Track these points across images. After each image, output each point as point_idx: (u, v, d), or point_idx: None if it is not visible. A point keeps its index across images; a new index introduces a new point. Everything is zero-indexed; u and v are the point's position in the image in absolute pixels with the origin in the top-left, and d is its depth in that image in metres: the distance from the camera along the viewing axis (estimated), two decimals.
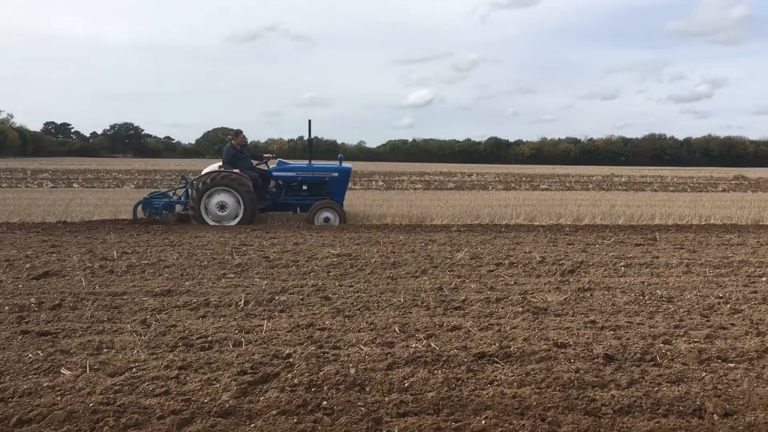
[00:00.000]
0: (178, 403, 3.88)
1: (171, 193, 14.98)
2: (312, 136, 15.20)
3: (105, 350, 4.90)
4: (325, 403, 3.93)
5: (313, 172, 14.39)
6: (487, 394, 4.06)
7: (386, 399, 3.98)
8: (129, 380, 4.25)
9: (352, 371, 4.42)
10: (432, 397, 4.00)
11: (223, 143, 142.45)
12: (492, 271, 8.22)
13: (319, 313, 6.05)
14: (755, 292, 7.10)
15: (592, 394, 4.08)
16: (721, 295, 6.91)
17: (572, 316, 6.03)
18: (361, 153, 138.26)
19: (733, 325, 5.75)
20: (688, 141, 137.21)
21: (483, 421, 3.67)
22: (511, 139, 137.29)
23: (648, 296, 6.86)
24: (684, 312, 6.22)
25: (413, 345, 5.04)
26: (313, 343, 5.10)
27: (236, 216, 13.26)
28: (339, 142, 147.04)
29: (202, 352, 4.86)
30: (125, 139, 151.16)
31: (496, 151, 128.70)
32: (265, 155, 14.91)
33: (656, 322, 5.85)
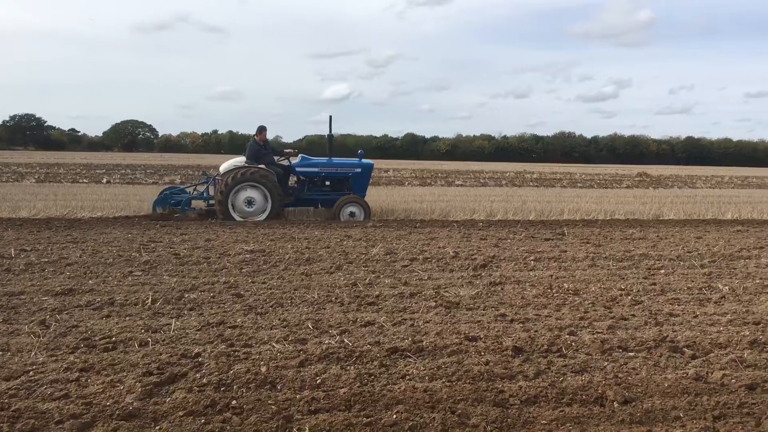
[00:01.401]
0: (78, 407, 3.70)
1: (191, 189, 14.89)
2: (332, 132, 15.26)
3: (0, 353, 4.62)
4: (234, 402, 3.84)
5: (336, 168, 14.40)
6: (399, 388, 4.08)
7: (297, 396, 3.93)
8: (25, 384, 4.03)
9: (264, 369, 4.35)
10: (344, 393, 3.98)
11: (133, 136, 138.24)
12: (406, 266, 8.28)
13: (230, 310, 5.92)
14: (654, 284, 7.44)
15: (500, 386, 4.16)
16: (623, 288, 7.21)
17: (483, 310, 6.14)
18: (278, 147, 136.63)
19: (633, 315, 6.00)
20: (595, 139, 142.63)
21: (394, 416, 3.68)
22: (428, 136, 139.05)
23: (556, 289, 7.07)
24: (589, 304, 6.45)
25: (326, 341, 5.01)
26: (223, 341, 4.98)
27: (263, 211, 13.24)
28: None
29: (106, 353, 4.65)
30: (26, 131, 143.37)
31: (413, 147, 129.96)
32: (286, 150, 14.82)
33: (563, 314, 6.04)
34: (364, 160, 14.72)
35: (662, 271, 8.34)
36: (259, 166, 13.42)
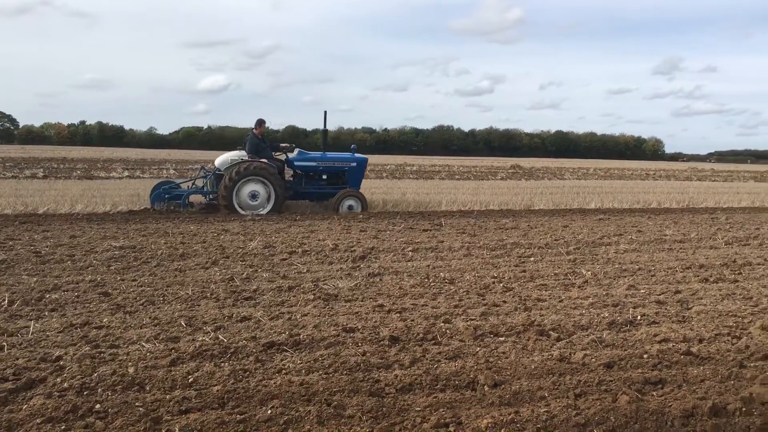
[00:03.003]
0: None
1: (189, 184, 14.98)
2: (326, 127, 15.18)
3: None
4: (98, 406, 3.64)
5: (333, 162, 14.71)
6: (274, 383, 4.02)
7: (167, 397, 3.78)
8: None
9: (131, 370, 4.15)
10: (217, 390, 3.87)
11: None
12: (285, 259, 8.19)
13: (96, 310, 5.62)
14: (524, 271, 7.77)
15: (377, 376, 4.19)
16: (495, 276, 7.47)
17: (362, 301, 6.18)
18: (152, 140, 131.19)
19: (504, 302, 6.24)
20: (472, 132, 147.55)
21: (269, 411, 3.62)
22: (309, 128, 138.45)
23: (432, 279, 7.23)
24: (463, 292, 6.64)
25: (200, 338, 4.86)
26: (87, 343, 4.72)
27: (266, 205, 13.41)
28: (127, 127, 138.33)
29: None
30: None
31: (294, 139, 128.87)
32: (283, 145, 14.80)
33: (438, 302, 6.18)
34: (358, 155, 15.07)
35: (532, 258, 8.73)
36: (262, 160, 13.53)
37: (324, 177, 14.78)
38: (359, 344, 4.83)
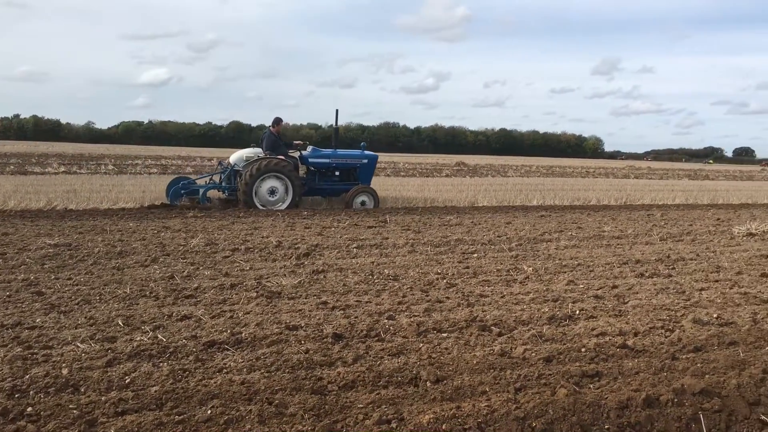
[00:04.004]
0: None
1: (207, 180, 15.23)
2: (338, 125, 15.81)
3: None
4: (30, 409, 3.51)
5: (346, 159, 15.24)
6: (215, 382, 3.95)
7: (103, 398, 3.68)
8: None
9: (65, 371, 4.03)
10: (155, 391, 3.79)
11: None
12: (228, 257, 8.07)
13: (29, 310, 5.42)
14: (468, 267, 7.86)
15: (319, 373, 4.17)
16: (439, 272, 7.53)
17: (305, 299, 6.14)
18: (91, 134, 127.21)
19: (448, 298, 6.29)
20: (418, 130, 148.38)
21: (209, 411, 3.55)
22: (254, 124, 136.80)
23: (377, 276, 7.23)
24: (407, 289, 6.66)
25: (138, 338, 4.74)
26: (19, 344, 4.55)
27: (284, 200, 13.84)
28: (63, 121, 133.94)
29: None
30: None
31: (239, 135, 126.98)
32: (296, 142, 15.09)
33: (382, 299, 6.19)
34: (368, 152, 15.65)
35: (475, 255, 8.83)
36: (279, 157, 13.92)
37: (336, 173, 15.23)
38: (302, 342, 4.80)
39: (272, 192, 13.74)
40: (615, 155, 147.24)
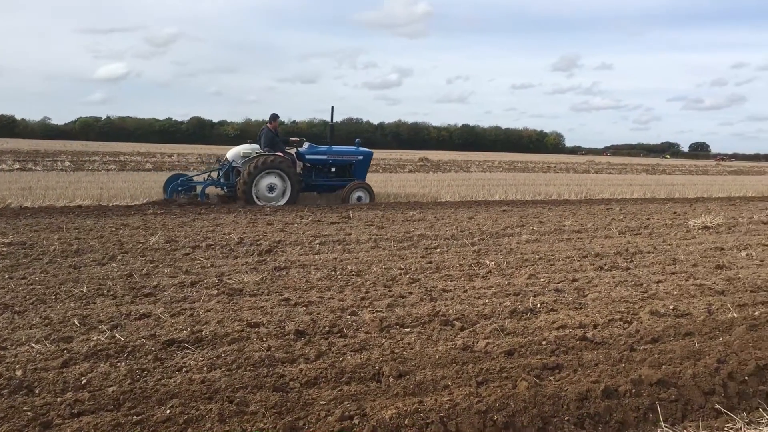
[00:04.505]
0: None
1: (205, 176, 15.24)
2: (333, 121, 16.02)
3: None
4: None
5: (342, 156, 15.48)
6: (174, 382, 3.89)
7: (59, 400, 3.59)
8: None
9: (19, 373, 3.93)
10: (113, 392, 3.71)
11: None
12: (188, 254, 7.96)
13: None
14: (431, 262, 7.88)
15: (281, 371, 4.14)
16: (402, 267, 7.54)
17: (267, 296, 6.09)
18: (46, 130, 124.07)
19: (411, 293, 6.30)
20: (381, 125, 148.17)
21: (168, 411, 3.49)
22: (215, 119, 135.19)
23: (339, 271, 7.21)
24: (370, 284, 6.65)
25: (95, 338, 4.65)
26: None
27: (283, 197, 14.03)
28: (18, 117, 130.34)
29: None
30: None
31: (200, 130, 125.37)
32: (293, 139, 15.21)
33: (345, 295, 6.16)
34: (363, 149, 15.91)
35: (438, 250, 8.86)
36: (278, 153, 14.08)
37: (333, 170, 15.45)
38: (264, 339, 4.76)
39: (271, 188, 13.92)
40: (575, 150, 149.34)
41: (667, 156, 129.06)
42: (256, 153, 14.13)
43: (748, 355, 4.48)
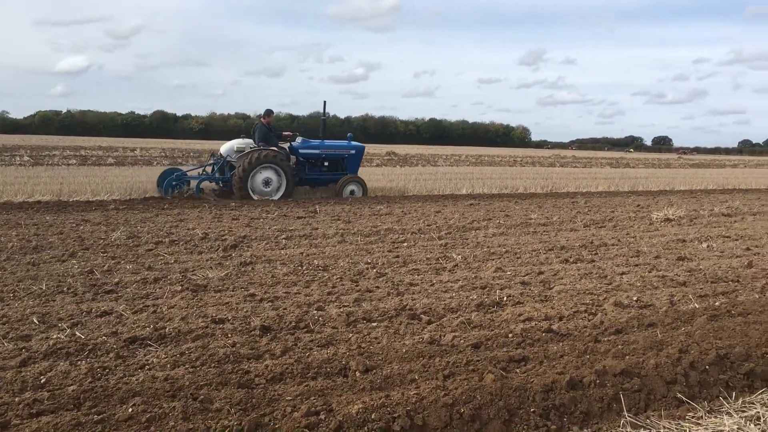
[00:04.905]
0: None
1: (200, 171, 15.18)
2: (326, 116, 16.35)
3: None
4: None
5: (334, 150, 15.70)
6: (136, 380, 3.82)
7: (17, 399, 3.50)
8: None
9: None
10: (73, 390, 3.62)
11: None
12: (151, 250, 7.83)
13: None
14: (398, 256, 7.87)
15: (246, 367, 4.09)
16: (369, 261, 7.52)
17: (232, 291, 6.01)
18: (4, 124, 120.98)
19: (378, 287, 6.28)
20: (348, 119, 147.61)
21: (130, 409, 3.42)
22: (179, 113, 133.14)
23: (306, 266, 7.16)
24: (337, 279, 6.62)
25: (54, 336, 4.54)
26: None
27: (278, 191, 14.19)
28: None
29: None
30: None
31: (164, 124, 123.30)
32: (285, 133, 15.53)
33: (312, 290, 6.12)
34: (355, 143, 16.17)
35: (405, 244, 8.85)
36: (272, 148, 14.28)
37: (325, 164, 15.65)
38: (229, 335, 4.70)
39: (267, 183, 14.12)
40: (541, 144, 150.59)
41: (631, 150, 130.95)
42: (251, 148, 14.27)
43: (709, 344, 4.56)
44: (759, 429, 3.59)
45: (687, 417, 3.71)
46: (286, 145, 15.21)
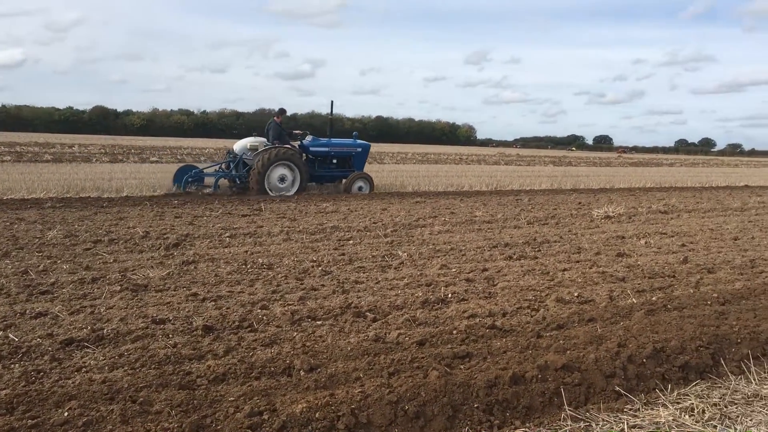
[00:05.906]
0: None
1: (216, 168, 15.68)
2: (332, 115, 17.62)
3: None
4: None
5: (343, 148, 16.54)
6: (72, 383, 3.70)
7: None
8: None
9: None
10: (6, 395, 3.49)
11: None
12: (89, 249, 7.61)
13: None
14: (343, 254, 7.85)
15: (188, 368, 4.01)
16: (314, 259, 7.47)
17: (174, 291, 5.89)
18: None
19: (323, 285, 6.25)
20: (295, 116, 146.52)
21: (66, 413, 3.31)
22: (120, 109, 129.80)
23: (250, 265, 7.07)
24: (282, 277, 6.56)
25: None
26: None
27: (293, 187, 14.88)
28: None
29: None
30: None
31: (103, 120, 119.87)
32: (296, 132, 16.10)
33: (256, 289, 6.05)
34: (362, 141, 17.01)
35: (351, 241, 8.84)
36: (286, 146, 14.93)
37: (334, 161, 16.46)
38: (170, 336, 4.60)
39: (282, 179, 14.80)
40: (487, 143, 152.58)
41: (573, 148, 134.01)
42: (264, 145, 14.93)
43: (646, 338, 4.68)
44: (693, 420, 3.71)
45: (625, 410, 3.81)
46: (296, 144, 15.72)
